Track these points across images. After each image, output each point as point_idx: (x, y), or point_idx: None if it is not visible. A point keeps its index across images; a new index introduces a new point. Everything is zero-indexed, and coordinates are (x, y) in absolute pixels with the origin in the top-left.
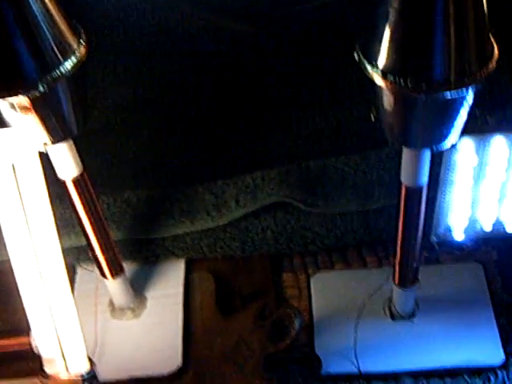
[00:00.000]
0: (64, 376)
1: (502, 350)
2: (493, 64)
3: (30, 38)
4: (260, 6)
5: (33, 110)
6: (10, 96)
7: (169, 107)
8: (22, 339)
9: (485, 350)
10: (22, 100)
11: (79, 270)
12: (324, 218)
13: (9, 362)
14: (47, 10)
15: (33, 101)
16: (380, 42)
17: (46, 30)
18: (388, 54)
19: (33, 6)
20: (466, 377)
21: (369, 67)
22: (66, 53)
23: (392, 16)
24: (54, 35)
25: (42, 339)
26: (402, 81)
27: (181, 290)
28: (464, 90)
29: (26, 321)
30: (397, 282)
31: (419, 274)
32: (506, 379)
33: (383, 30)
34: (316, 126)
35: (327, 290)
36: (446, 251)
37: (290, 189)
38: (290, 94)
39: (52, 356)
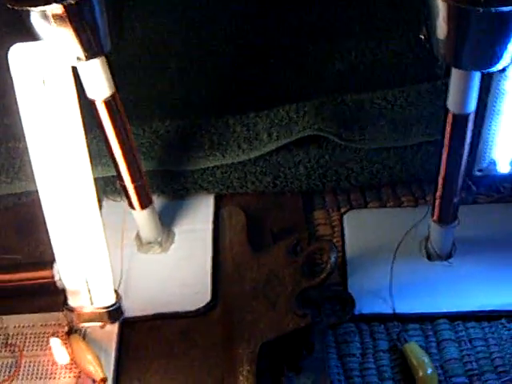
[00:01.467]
0: (88, 309)
1: None
2: None
3: None
4: None
5: (67, 20)
6: (44, 4)
7: (199, 38)
8: (45, 272)
9: None
10: (55, 8)
11: (105, 203)
12: (359, 154)
13: (31, 295)
14: None
15: (67, 9)
16: None
17: None
18: None
19: None
20: (504, 321)
21: None
22: None
23: None
24: None
25: (67, 271)
26: None
27: (210, 224)
28: None
29: (48, 254)
30: (436, 218)
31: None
32: None
33: None
34: (351, 59)
35: (361, 228)
36: (484, 193)
37: (325, 122)
38: (324, 27)
39: (77, 288)
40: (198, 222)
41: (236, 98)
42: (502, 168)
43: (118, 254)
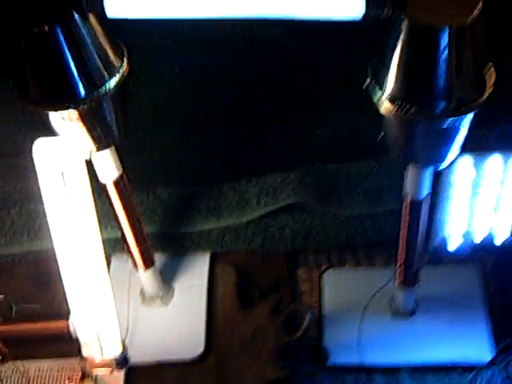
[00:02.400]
0: (99, 358)
1: (491, 348)
2: (488, 93)
3: (80, 60)
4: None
5: (80, 121)
6: (62, 109)
7: (199, 110)
8: (62, 323)
9: (476, 348)
10: (71, 113)
11: (114, 260)
12: (337, 219)
13: (49, 343)
14: (95, 35)
15: (81, 113)
16: (388, 71)
17: (93, 52)
18: (395, 83)
19: (83, 30)
20: (458, 372)
21: (378, 93)
22: (111, 71)
23: (400, 49)
24: (100, 57)
25: (80, 324)
26: (406, 109)
27: (205, 281)
28: (461, 117)
29: (65, 306)
30: (399, 282)
31: (422, 274)
32: (497, 374)
33: (392, 61)
34: (335, 129)
35: (337, 285)
36: (448, 254)
37: (308, 190)
38: (311, 98)
39: (88, 340)
40: (194, 279)
41: (230, 164)
42: (452, 245)
43: (125, 307)
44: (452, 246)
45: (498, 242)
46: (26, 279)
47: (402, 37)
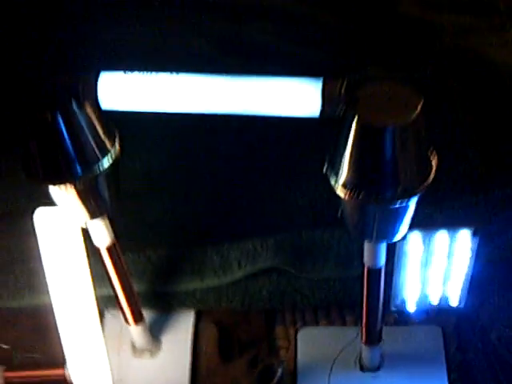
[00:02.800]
0: None
1: None
2: (431, 179)
3: (77, 143)
4: None
5: (76, 195)
6: (60, 184)
7: (186, 182)
8: (59, 371)
9: None
10: (68, 188)
11: (107, 315)
12: (311, 281)
13: None
14: (90, 121)
15: (77, 189)
16: (341, 161)
17: (88, 136)
18: (347, 172)
19: (80, 118)
20: None
21: (333, 179)
22: (104, 152)
23: (350, 143)
24: (94, 140)
25: (74, 370)
26: (357, 194)
27: (190, 336)
28: (406, 201)
29: (62, 355)
30: (364, 341)
31: (388, 333)
32: None
33: (344, 153)
34: (310, 199)
35: (311, 342)
36: (413, 317)
37: (284, 256)
38: (288, 173)
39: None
40: (181, 333)
41: (214, 229)
42: (410, 307)
43: (116, 358)
44: (410, 308)
45: (453, 304)
46: (27, 330)
47: (352, 132)
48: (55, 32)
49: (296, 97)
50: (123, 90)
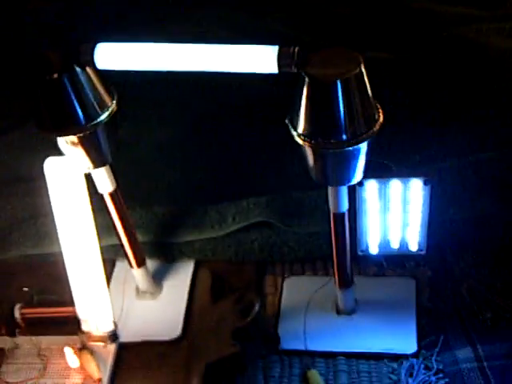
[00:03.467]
0: (95, 333)
1: (416, 343)
2: (377, 128)
3: (80, 99)
4: None
5: (80, 145)
6: (66, 135)
7: (195, 147)
8: (69, 309)
9: (403, 342)
10: (73, 138)
11: (117, 263)
12: (298, 235)
13: (59, 324)
14: (91, 81)
15: (80, 139)
16: (298, 114)
17: (89, 93)
18: (304, 124)
19: (81, 78)
20: (386, 361)
21: (294, 132)
22: (103, 108)
23: (304, 98)
24: (95, 97)
25: (80, 306)
26: (314, 141)
27: (188, 282)
28: (356, 146)
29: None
30: (337, 284)
31: (365, 283)
32: (416, 364)
33: (300, 107)
34: (298, 167)
35: (295, 289)
36: (391, 268)
37: (274, 212)
38: (283, 142)
39: (87, 318)
40: (180, 279)
41: (213, 189)
42: (373, 250)
43: (121, 299)
44: (374, 251)
45: (412, 249)
46: (46, 275)
47: (304, 88)
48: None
49: (262, 57)
50: (116, 55)
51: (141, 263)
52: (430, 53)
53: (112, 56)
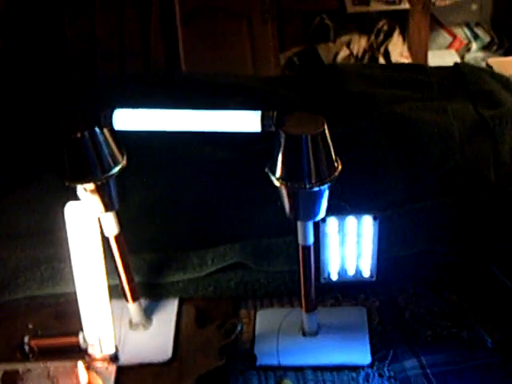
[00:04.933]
0: (99, 355)
1: (370, 356)
2: (337, 174)
3: (97, 155)
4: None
5: (95, 192)
6: (85, 183)
7: (176, 204)
8: (74, 338)
9: (359, 356)
10: (90, 186)
11: (113, 301)
12: (267, 274)
13: (63, 352)
14: (107, 140)
15: (96, 186)
16: (276, 162)
17: (105, 150)
18: (281, 170)
19: (100, 138)
20: (346, 371)
21: (273, 177)
22: (116, 162)
23: (281, 149)
24: (109, 153)
25: (90, 334)
26: (288, 183)
27: (174, 314)
28: (321, 187)
29: (76, 331)
30: (304, 308)
31: (325, 312)
32: (371, 372)
33: (278, 157)
34: (266, 218)
35: (267, 318)
36: (345, 300)
37: (246, 255)
38: (252, 199)
39: (93, 343)
40: (167, 314)
41: (195, 239)
42: (334, 277)
43: (117, 330)
44: (334, 278)
45: (365, 275)
46: (49, 316)
47: (281, 141)
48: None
49: (248, 119)
50: (129, 119)
51: (135, 298)
52: (371, 124)
53: (126, 120)
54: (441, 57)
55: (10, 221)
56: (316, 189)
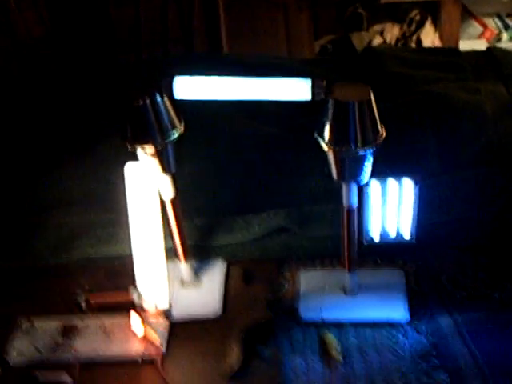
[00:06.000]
0: (154, 310)
1: (408, 315)
2: (381, 139)
3: (158, 120)
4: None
5: (155, 155)
6: (145, 146)
7: (224, 175)
8: (127, 295)
9: (398, 314)
10: (151, 149)
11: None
12: (310, 238)
13: (117, 309)
14: (167, 107)
15: (156, 150)
16: (324, 127)
17: (165, 116)
18: (329, 135)
19: (161, 104)
20: (386, 328)
21: (321, 141)
22: (174, 128)
23: (330, 116)
24: (169, 120)
25: (145, 290)
26: (336, 147)
27: (223, 275)
28: (366, 151)
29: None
30: (346, 268)
31: (366, 274)
32: (409, 330)
33: (325, 122)
34: (310, 187)
35: (309, 279)
36: (384, 264)
37: (291, 221)
38: (297, 168)
39: (149, 299)
40: (216, 274)
41: (242, 205)
42: (376, 239)
43: (170, 288)
44: (376, 240)
45: (406, 238)
46: (102, 276)
47: (329, 108)
48: None
49: (299, 88)
50: (189, 87)
51: (187, 259)
52: (409, 101)
53: (186, 88)
54: (471, 46)
55: (66, 189)
56: (361, 153)
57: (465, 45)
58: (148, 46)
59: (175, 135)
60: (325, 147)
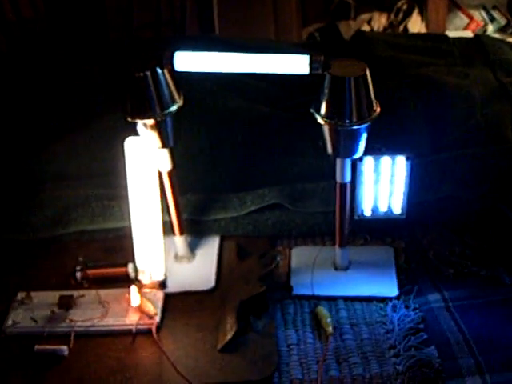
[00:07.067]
0: (150, 281)
1: (397, 289)
2: (375, 114)
3: (158, 93)
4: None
5: (155, 128)
6: (145, 119)
7: (218, 152)
8: (124, 269)
9: (387, 289)
10: (150, 121)
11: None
12: (302, 215)
13: (113, 281)
14: (167, 80)
15: (155, 123)
16: (321, 101)
17: (165, 89)
18: (325, 109)
19: (161, 77)
20: (375, 302)
21: (317, 115)
22: (174, 101)
23: (327, 90)
24: (169, 92)
25: (141, 261)
26: (331, 121)
27: (216, 249)
28: (361, 125)
29: (124, 260)
30: (337, 243)
31: (356, 251)
32: (398, 304)
33: (323, 97)
34: (303, 165)
35: (301, 255)
36: (373, 241)
37: (284, 197)
38: (290, 148)
39: (145, 270)
40: (210, 248)
41: (235, 182)
42: (367, 214)
43: (165, 261)
44: (367, 215)
45: (396, 212)
46: (98, 249)
47: (326, 82)
48: None
49: (298, 62)
50: (189, 61)
51: (182, 232)
52: (399, 84)
53: (186, 61)
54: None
55: (61, 163)
56: (356, 127)
57: (451, 35)
58: (140, 28)
59: (174, 107)
60: (320, 121)
